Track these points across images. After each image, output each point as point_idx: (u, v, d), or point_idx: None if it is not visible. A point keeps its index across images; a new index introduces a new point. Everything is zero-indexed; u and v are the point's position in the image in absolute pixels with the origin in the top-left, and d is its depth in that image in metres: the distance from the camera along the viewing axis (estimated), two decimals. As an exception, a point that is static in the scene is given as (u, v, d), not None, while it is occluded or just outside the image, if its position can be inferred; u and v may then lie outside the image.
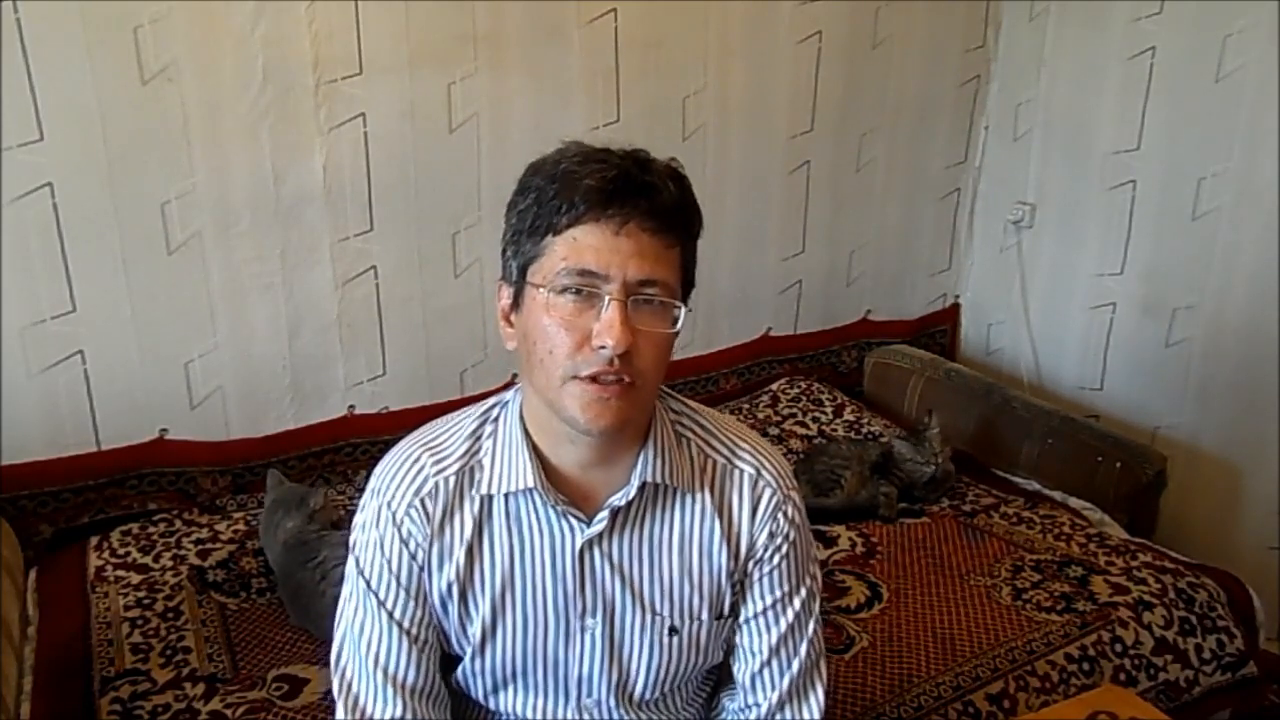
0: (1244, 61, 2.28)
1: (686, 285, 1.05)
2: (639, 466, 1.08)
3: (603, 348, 0.97)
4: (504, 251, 1.05)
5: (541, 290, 0.99)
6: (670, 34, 2.42)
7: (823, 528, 2.09)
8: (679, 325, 1.02)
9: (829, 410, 2.65)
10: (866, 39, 2.67)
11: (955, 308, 3.09)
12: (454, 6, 2.17)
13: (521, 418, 1.09)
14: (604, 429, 1.01)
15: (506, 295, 1.06)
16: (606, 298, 0.97)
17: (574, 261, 0.97)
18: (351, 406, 2.34)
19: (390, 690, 1.08)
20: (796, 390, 2.72)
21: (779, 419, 2.60)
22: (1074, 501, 2.29)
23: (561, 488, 1.08)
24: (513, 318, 1.06)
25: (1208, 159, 2.38)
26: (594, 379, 0.98)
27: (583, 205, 0.97)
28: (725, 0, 2.45)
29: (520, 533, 1.09)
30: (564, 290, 0.98)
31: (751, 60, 2.54)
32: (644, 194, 0.98)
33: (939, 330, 3.08)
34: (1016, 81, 2.80)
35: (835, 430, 2.56)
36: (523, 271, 1.02)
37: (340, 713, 1.10)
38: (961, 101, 2.87)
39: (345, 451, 2.34)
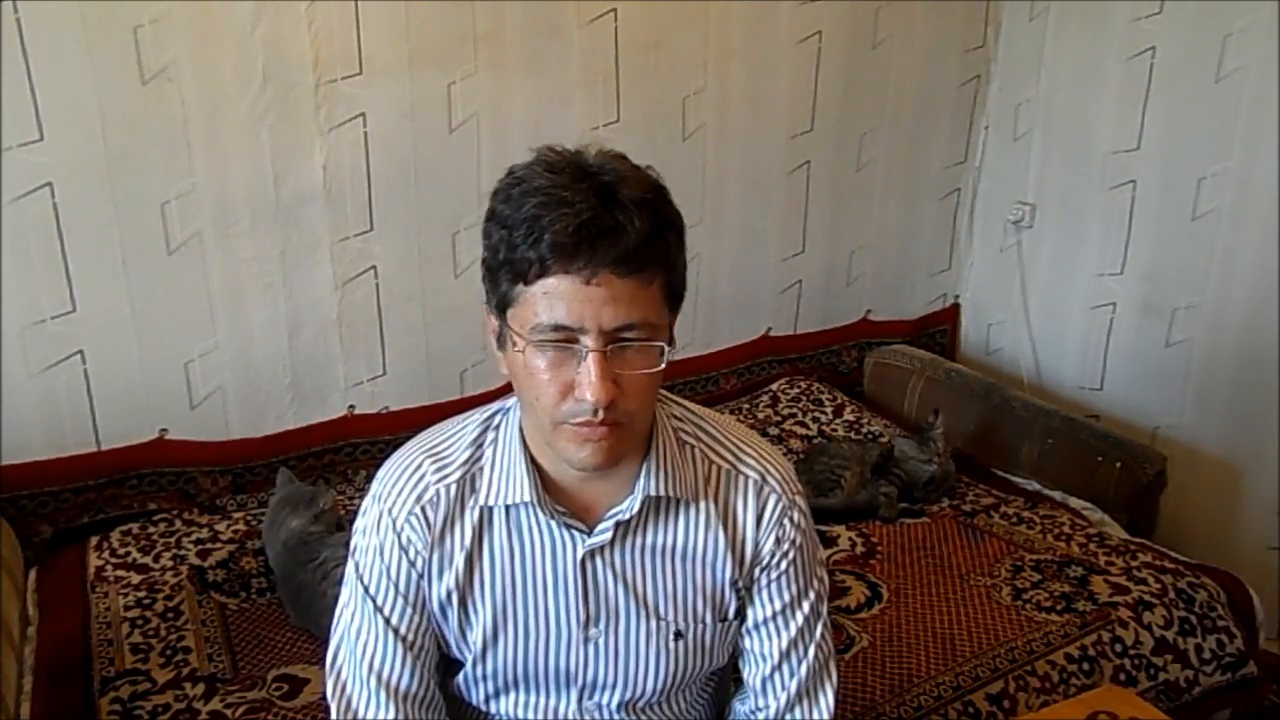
0: (1244, 61, 2.28)
1: (675, 300, 1.02)
2: (641, 480, 1.07)
3: (584, 400, 0.96)
4: (483, 276, 1.03)
5: (520, 339, 0.98)
6: (670, 34, 2.42)
7: (823, 528, 2.09)
8: (664, 363, 0.99)
9: (829, 410, 2.64)
10: (866, 39, 2.67)
11: (955, 308, 3.09)
12: (454, 6, 2.17)
13: (521, 428, 1.09)
14: (598, 467, 1.01)
15: (492, 321, 1.04)
16: (585, 350, 0.96)
17: (548, 317, 0.95)
18: (351, 406, 2.34)
19: (384, 695, 1.09)
20: (796, 390, 2.72)
21: (779, 419, 2.60)
22: (1074, 501, 2.29)
23: (561, 498, 1.08)
24: (500, 348, 1.04)
25: (1208, 159, 2.38)
26: (582, 423, 0.98)
27: (550, 257, 0.93)
28: (725, 0, 2.45)
29: (521, 542, 1.09)
30: (542, 344, 0.97)
31: (751, 60, 2.54)
32: (612, 237, 0.93)
33: (939, 330, 3.08)
34: (1016, 81, 2.80)
35: (835, 430, 2.56)
36: (501, 310, 1.01)
37: (334, 716, 1.10)
38: (961, 101, 2.87)
39: (345, 451, 2.34)
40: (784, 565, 1.13)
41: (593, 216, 0.93)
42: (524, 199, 0.96)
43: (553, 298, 0.95)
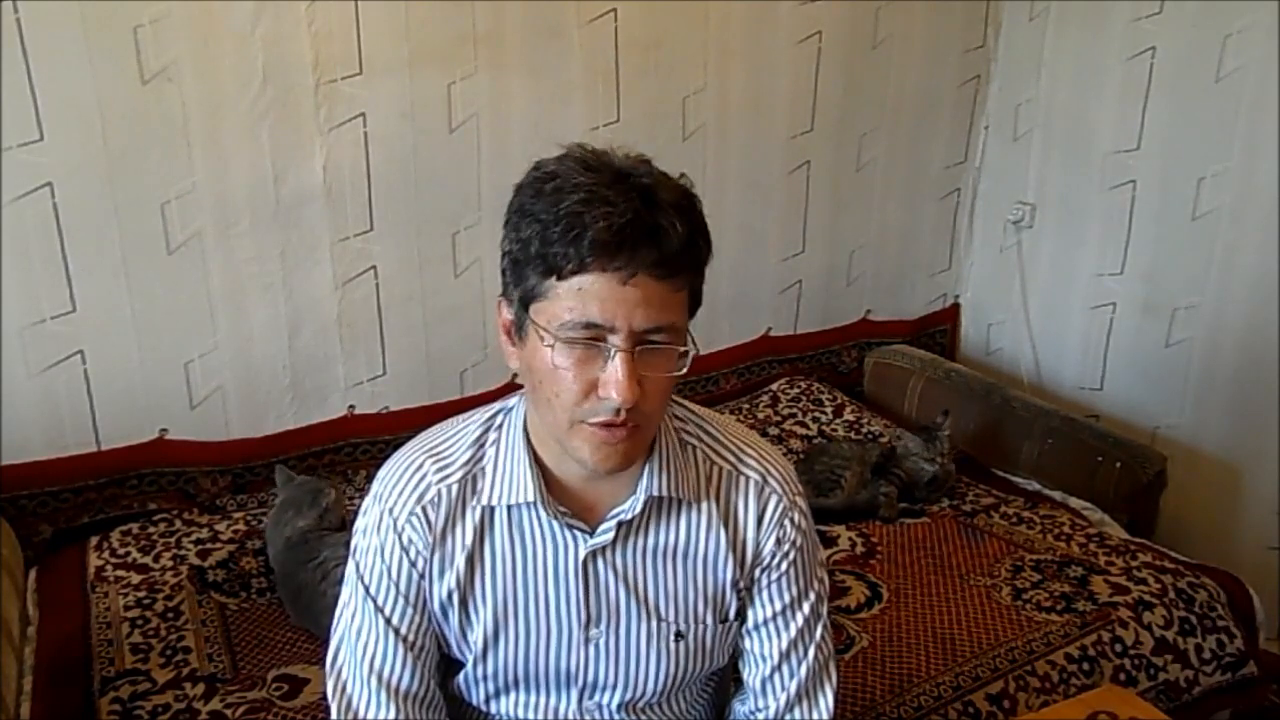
0: (1244, 61, 2.28)
1: (695, 307, 1.03)
2: (644, 480, 1.07)
3: (609, 399, 0.96)
4: (503, 270, 1.02)
5: (546, 335, 0.97)
6: (670, 34, 2.42)
7: (823, 528, 2.09)
8: (686, 367, 1.00)
9: (829, 410, 2.64)
10: (866, 39, 2.67)
11: (955, 308, 3.09)
12: (454, 6, 2.17)
13: (525, 428, 1.09)
14: (612, 469, 1.01)
15: (508, 314, 1.03)
16: (613, 349, 0.96)
17: (579, 314, 0.94)
18: (351, 406, 2.34)
19: (384, 695, 1.09)
20: (796, 390, 2.72)
21: (779, 419, 2.60)
22: (1074, 501, 2.29)
23: (564, 498, 1.08)
24: (515, 342, 1.03)
25: (1208, 159, 2.38)
26: (601, 424, 0.98)
27: (589, 255, 0.93)
28: (725, 0, 2.45)
29: (523, 542, 1.09)
30: (571, 341, 0.96)
31: (751, 60, 2.54)
32: (652, 240, 0.93)
33: (939, 330, 3.08)
34: (1016, 81, 2.80)
35: (835, 430, 2.56)
36: (525, 304, 0.99)
37: (335, 715, 1.10)
38: (961, 101, 2.87)
39: (345, 451, 2.34)
40: (784, 566, 1.14)
41: (635, 218, 0.93)
42: (560, 195, 0.95)
43: (586, 295, 0.94)
